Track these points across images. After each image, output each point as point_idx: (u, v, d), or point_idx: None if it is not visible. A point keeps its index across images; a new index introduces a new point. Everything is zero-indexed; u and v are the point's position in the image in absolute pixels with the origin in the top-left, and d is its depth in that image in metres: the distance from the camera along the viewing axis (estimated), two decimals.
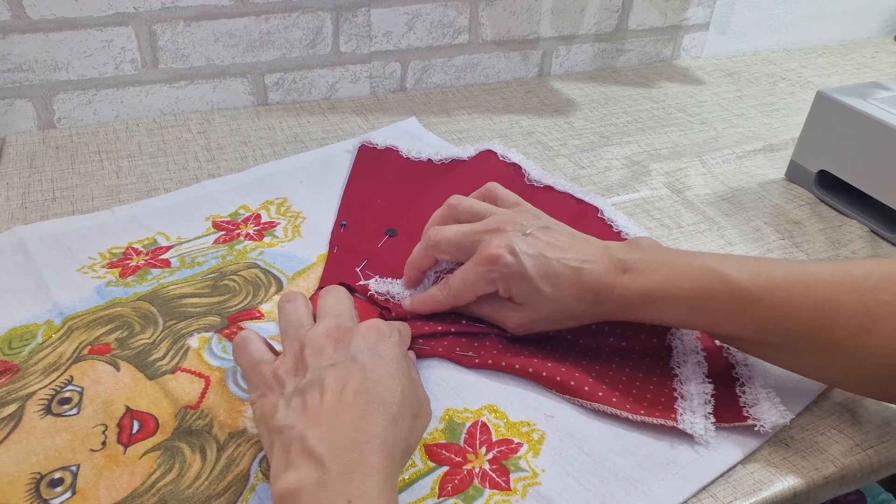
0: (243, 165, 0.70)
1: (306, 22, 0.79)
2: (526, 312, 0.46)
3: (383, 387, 0.37)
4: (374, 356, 0.38)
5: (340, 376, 0.37)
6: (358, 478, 0.33)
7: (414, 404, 0.38)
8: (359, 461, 0.33)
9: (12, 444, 0.41)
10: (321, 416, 0.35)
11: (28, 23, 0.69)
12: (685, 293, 0.43)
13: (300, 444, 0.34)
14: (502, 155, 0.70)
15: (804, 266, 0.43)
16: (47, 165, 0.68)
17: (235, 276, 0.54)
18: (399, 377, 0.38)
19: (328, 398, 0.36)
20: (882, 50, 1.14)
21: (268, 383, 0.39)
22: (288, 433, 0.35)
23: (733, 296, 0.42)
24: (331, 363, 0.37)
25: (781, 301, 0.41)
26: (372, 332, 0.39)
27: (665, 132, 0.83)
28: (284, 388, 0.38)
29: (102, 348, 0.47)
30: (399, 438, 0.36)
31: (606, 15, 0.95)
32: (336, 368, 0.37)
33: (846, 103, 0.66)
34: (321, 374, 0.37)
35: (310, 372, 0.37)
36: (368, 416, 0.35)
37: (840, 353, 0.41)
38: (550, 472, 0.41)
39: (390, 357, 0.38)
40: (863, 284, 0.41)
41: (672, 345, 0.48)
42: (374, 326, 0.40)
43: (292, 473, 0.33)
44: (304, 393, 0.36)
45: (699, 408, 0.43)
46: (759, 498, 0.41)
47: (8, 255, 0.55)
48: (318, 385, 0.36)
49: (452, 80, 0.91)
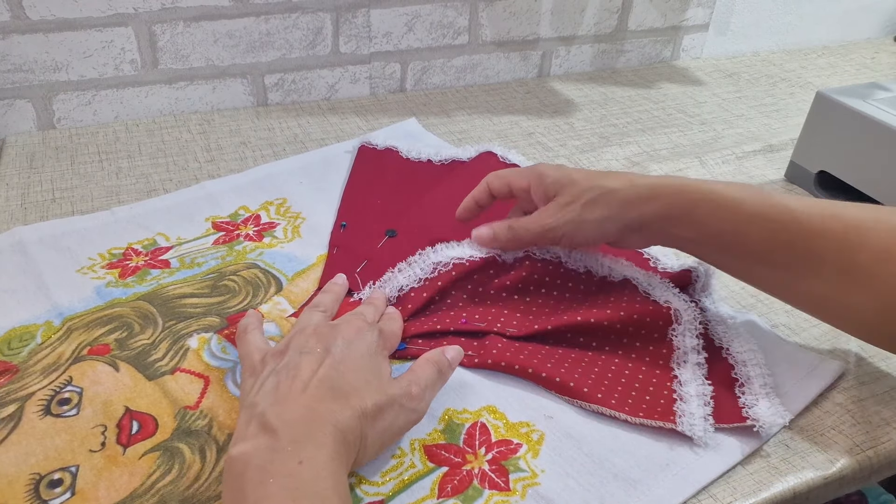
0: (243, 166, 0.70)
1: (306, 22, 0.79)
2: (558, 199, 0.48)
3: (346, 380, 0.39)
4: (347, 351, 0.41)
5: (313, 364, 0.39)
6: (310, 447, 0.34)
7: (378, 399, 0.39)
8: (310, 435, 0.35)
9: (11, 444, 0.40)
10: (287, 397, 0.37)
11: (28, 23, 0.69)
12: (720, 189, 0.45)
13: (259, 420, 0.36)
14: (502, 156, 0.70)
15: (834, 201, 0.44)
16: (47, 166, 0.68)
17: (235, 276, 0.54)
18: (366, 373, 0.40)
19: (297, 382, 0.38)
20: (882, 51, 1.14)
21: (254, 366, 0.42)
22: (252, 409, 0.37)
23: (767, 202, 0.44)
24: (307, 351, 0.40)
25: (811, 217, 0.42)
26: (352, 330, 0.43)
27: (665, 133, 0.83)
28: (265, 370, 0.41)
29: (102, 349, 0.47)
30: (353, 426, 0.37)
31: (606, 16, 0.95)
32: (310, 356, 0.40)
33: (846, 104, 0.66)
34: (297, 359, 0.40)
35: (287, 356, 0.40)
36: (327, 401, 0.37)
37: (862, 279, 0.41)
38: (550, 472, 0.41)
39: (361, 352, 0.41)
40: (889, 216, 0.42)
41: (674, 343, 0.48)
42: (356, 325, 0.43)
43: (245, 443, 0.35)
44: (279, 374, 0.39)
45: (698, 409, 0.43)
46: (758, 498, 0.41)
47: (7, 255, 0.55)
48: (293, 369, 0.39)
49: (452, 80, 0.91)
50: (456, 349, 0.45)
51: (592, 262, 0.53)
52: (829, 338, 0.52)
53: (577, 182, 0.48)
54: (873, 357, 0.51)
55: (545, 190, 0.49)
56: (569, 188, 0.48)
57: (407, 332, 0.49)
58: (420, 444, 0.42)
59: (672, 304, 0.50)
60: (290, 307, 0.52)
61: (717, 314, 0.51)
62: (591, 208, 0.48)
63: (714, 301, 0.53)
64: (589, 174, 0.49)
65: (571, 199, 0.48)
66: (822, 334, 0.52)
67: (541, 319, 0.49)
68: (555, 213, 0.49)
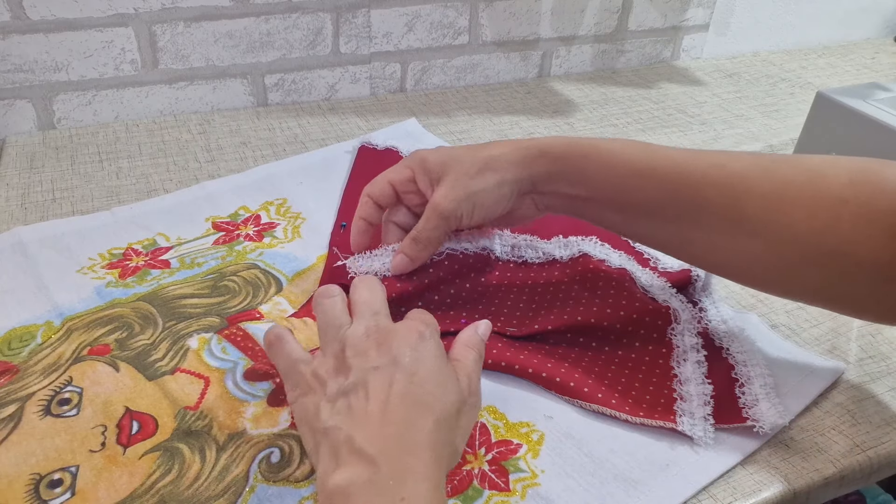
0: (243, 166, 0.70)
1: (306, 23, 0.79)
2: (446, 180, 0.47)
3: (426, 390, 0.37)
4: (416, 359, 0.38)
5: (385, 379, 0.36)
6: (410, 482, 0.33)
7: (456, 403, 0.38)
8: (410, 466, 0.33)
9: (12, 444, 0.40)
10: (367, 419, 0.35)
11: (28, 23, 0.69)
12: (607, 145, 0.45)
13: (349, 445, 0.34)
14: None
15: (719, 151, 0.45)
16: (47, 166, 0.68)
17: (235, 276, 0.54)
18: (441, 379, 0.38)
19: (374, 401, 0.36)
20: (882, 51, 1.14)
21: (308, 383, 0.39)
22: (335, 434, 0.35)
23: (652, 155, 0.44)
24: (374, 366, 0.37)
25: (697, 168, 0.43)
26: (413, 334, 0.39)
27: (665, 133, 0.83)
28: (326, 389, 0.38)
29: (102, 349, 0.47)
30: (445, 441, 0.36)
31: (606, 16, 0.95)
32: (380, 371, 0.37)
33: (846, 104, 0.66)
34: (365, 376, 0.37)
35: (353, 374, 0.37)
36: (414, 420, 0.35)
37: (748, 230, 0.41)
38: (550, 472, 0.41)
39: (431, 358, 0.38)
40: (772, 165, 0.42)
41: (673, 342, 0.48)
42: (415, 328, 0.40)
43: (344, 471, 0.33)
44: (349, 395, 0.36)
45: (698, 409, 0.43)
46: (758, 498, 0.41)
47: (7, 255, 0.55)
48: (362, 387, 0.36)
49: (452, 80, 0.91)
50: (485, 323, 0.44)
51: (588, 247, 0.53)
52: (829, 338, 0.52)
53: (461, 158, 0.47)
54: (873, 357, 0.51)
55: (429, 174, 0.48)
56: (454, 166, 0.47)
57: None
58: None
59: (670, 303, 0.50)
60: (290, 307, 0.52)
61: (717, 314, 0.51)
62: (482, 178, 0.47)
63: (714, 301, 0.53)
64: (472, 148, 0.48)
65: (459, 175, 0.47)
66: (822, 334, 0.52)
67: (541, 319, 0.49)
68: (446, 194, 0.47)
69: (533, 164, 0.46)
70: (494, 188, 0.47)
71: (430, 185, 0.48)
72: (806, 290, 0.43)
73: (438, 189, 0.47)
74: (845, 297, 0.42)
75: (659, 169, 0.43)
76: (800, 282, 0.42)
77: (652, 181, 0.44)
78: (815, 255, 0.40)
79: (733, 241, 0.42)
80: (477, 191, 0.47)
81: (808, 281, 0.42)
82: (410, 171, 0.49)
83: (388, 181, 0.50)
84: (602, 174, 0.45)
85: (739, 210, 0.41)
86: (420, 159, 0.49)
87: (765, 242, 0.41)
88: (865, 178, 0.39)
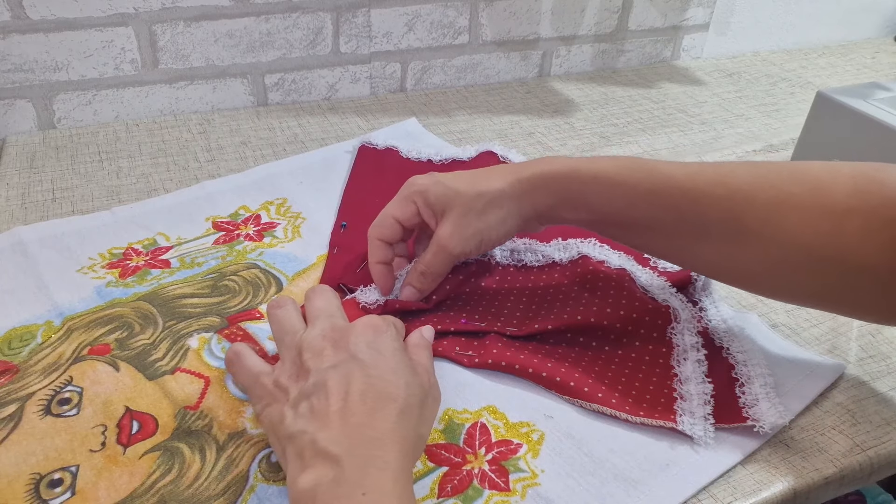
0: (243, 166, 0.70)
1: (306, 22, 0.79)
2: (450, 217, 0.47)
3: (386, 382, 0.37)
4: (374, 353, 0.39)
5: (343, 377, 0.37)
6: (373, 473, 0.33)
7: (419, 393, 0.39)
8: (372, 457, 0.34)
9: (12, 444, 0.40)
10: (330, 418, 0.35)
11: (28, 23, 0.69)
12: (605, 169, 0.45)
13: (313, 448, 0.34)
14: (502, 156, 0.70)
15: (718, 162, 0.45)
16: (47, 166, 0.68)
17: (235, 276, 0.54)
18: (401, 370, 0.39)
19: (334, 400, 0.36)
20: (882, 51, 1.14)
21: (271, 393, 0.39)
22: (300, 438, 0.35)
23: (652, 175, 0.44)
24: (332, 364, 0.38)
25: (696, 185, 0.43)
26: (369, 329, 0.40)
27: (665, 132, 0.83)
28: (289, 395, 0.38)
29: (102, 349, 0.47)
30: (409, 430, 0.36)
31: (606, 15, 0.95)
32: (338, 369, 0.38)
33: (846, 104, 0.66)
34: (324, 376, 0.37)
35: (312, 375, 0.38)
36: (376, 413, 0.36)
37: (749, 241, 0.42)
38: (550, 472, 0.41)
39: (390, 351, 0.39)
40: (773, 176, 0.42)
41: (673, 341, 0.48)
42: (370, 323, 0.41)
43: (309, 474, 0.34)
44: (310, 397, 0.37)
45: (699, 409, 0.43)
46: (758, 498, 0.41)
47: (8, 255, 0.55)
48: (322, 388, 0.37)
49: (452, 80, 0.91)
50: (428, 328, 0.46)
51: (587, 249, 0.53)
52: (829, 338, 0.52)
53: (461, 193, 0.47)
54: (873, 357, 0.51)
55: (432, 207, 0.48)
56: (456, 201, 0.47)
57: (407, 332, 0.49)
58: None
59: (670, 303, 0.50)
60: None
61: (717, 314, 0.51)
62: (487, 215, 0.47)
63: (714, 301, 0.53)
64: (471, 180, 0.48)
65: (463, 212, 0.47)
66: (822, 334, 0.52)
67: (540, 320, 0.49)
68: (453, 232, 0.47)
69: (534, 195, 0.47)
70: (499, 224, 0.48)
71: (434, 217, 0.49)
72: (810, 295, 0.43)
73: (443, 225, 0.48)
74: (849, 301, 0.42)
75: (660, 191, 0.44)
76: (804, 288, 0.43)
77: (654, 203, 0.44)
78: (819, 263, 0.40)
79: (736, 253, 0.43)
80: (482, 228, 0.47)
81: (812, 287, 0.42)
82: (414, 206, 0.49)
83: (394, 219, 0.50)
84: (603, 199, 0.45)
85: (741, 223, 0.42)
86: (420, 192, 0.48)
87: (767, 253, 0.42)
88: (868, 188, 0.39)
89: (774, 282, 0.43)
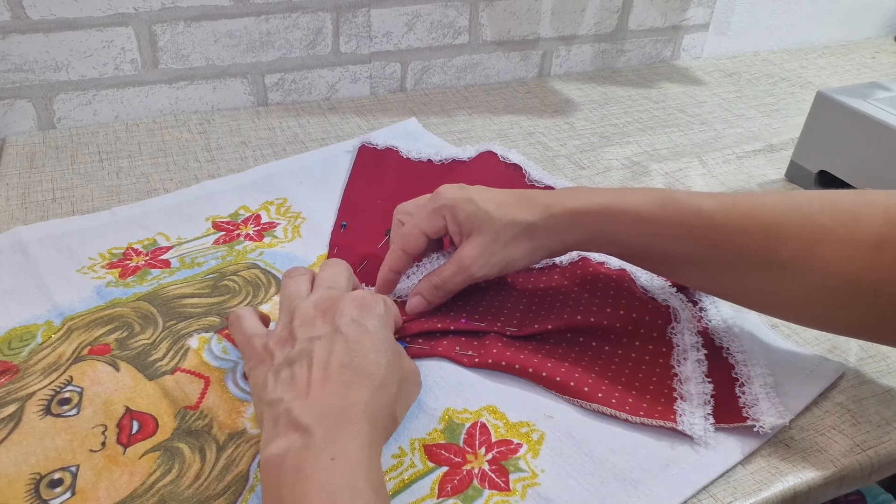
0: (243, 166, 0.70)
1: (306, 22, 0.79)
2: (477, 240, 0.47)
3: (367, 359, 0.38)
4: (359, 328, 0.39)
5: (326, 348, 0.38)
6: (342, 440, 0.34)
7: (398, 373, 0.39)
8: (342, 425, 0.35)
9: (12, 444, 0.40)
10: (308, 388, 0.36)
11: (28, 23, 0.69)
12: (637, 206, 0.45)
13: (287, 416, 0.35)
14: (503, 156, 0.70)
15: (749, 193, 0.45)
16: (47, 166, 0.68)
17: (235, 276, 0.54)
18: (383, 348, 0.39)
19: (315, 370, 0.37)
20: (882, 50, 1.14)
21: (259, 355, 0.41)
22: (276, 406, 0.36)
23: (685, 211, 0.44)
24: (317, 335, 0.39)
25: (730, 220, 0.43)
26: (356, 304, 0.41)
27: (665, 132, 0.83)
28: (274, 360, 0.39)
29: (102, 349, 0.47)
30: (383, 406, 0.37)
31: (606, 15, 0.95)
32: (322, 340, 0.39)
33: (846, 103, 0.66)
34: (309, 345, 0.39)
35: (297, 343, 0.39)
36: (352, 386, 0.37)
37: (784, 274, 0.42)
38: (550, 472, 0.41)
39: (374, 328, 0.40)
40: (806, 209, 0.42)
41: (673, 340, 0.48)
42: (359, 298, 0.41)
43: (279, 441, 0.35)
44: (293, 364, 0.38)
45: (699, 408, 0.43)
46: (759, 498, 0.41)
47: (8, 255, 0.55)
48: (306, 356, 0.38)
49: (452, 80, 0.91)
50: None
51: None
52: (830, 338, 0.52)
53: (493, 218, 0.47)
54: (874, 357, 0.51)
55: (460, 226, 0.48)
56: (486, 226, 0.47)
57: (407, 332, 0.49)
58: (420, 444, 0.42)
59: (670, 303, 0.50)
60: None
61: (717, 313, 0.51)
62: (515, 246, 0.47)
63: (714, 300, 0.53)
64: (501, 204, 0.47)
65: (492, 239, 0.47)
66: (822, 334, 0.52)
67: (541, 320, 0.49)
68: (478, 256, 0.47)
69: (565, 231, 0.47)
70: (526, 255, 0.48)
71: (460, 234, 0.49)
72: (847, 326, 0.43)
73: (469, 246, 0.47)
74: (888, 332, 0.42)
75: (693, 227, 0.44)
76: (840, 319, 0.43)
77: (686, 239, 0.44)
78: (855, 295, 0.40)
79: (772, 285, 0.43)
80: (508, 257, 0.48)
81: (849, 318, 0.42)
82: (443, 221, 0.49)
83: (421, 232, 0.49)
84: (634, 236, 0.46)
85: (777, 257, 0.42)
86: (450, 207, 0.48)
87: (803, 285, 0.42)
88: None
89: (811, 313, 0.44)
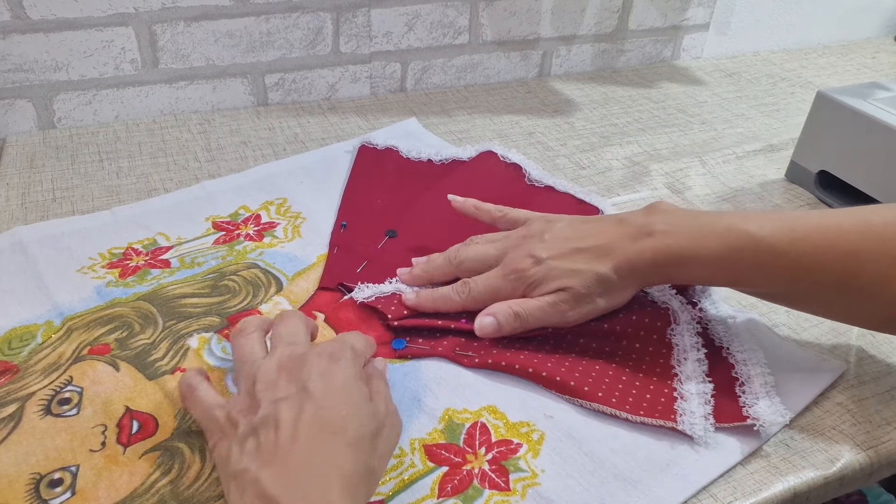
0: (243, 166, 0.70)
1: (306, 22, 0.79)
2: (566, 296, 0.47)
3: (337, 415, 0.35)
4: (325, 382, 0.37)
5: (293, 409, 0.35)
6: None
7: (372, 424, 0.37)
8: (311, 493, 0.32)
9: (12, 444, 0.40)
10: (275, 455, 0.34)
11: (28, 23, 0.69)
12: (714, 252, 0.44)
13: (254, 488, 0.33)
14: (503, 155, 0.70)
15: (823, 216, 0.44)
16: (47, 166, 0.68)
17: (235, 276, 0.54)
18: (352, 401, 0.37)
19: (282, 434, 0.34)
20: (882, 50, 1.14)
21: (222, 428, 0.38)
22: (243, 477, 0.34)
23: (759, 252, 0.43)
24: (282, 396, 0.36)
25: (806, 254, 0.43)
26: (323, 358, 0.38)
27: (665, 132, 0.83)
28: (238, 430, 0.36)
29: (102, 348, 0.47)
30: (358, 464, 0.35)
31: (606, 15, 0.95)
32: (288, 402, 0.36)
33: (846, 103, 0.66)
34: (274, 408, 0.36)
35: (262, 408, 0.36)
36: (322, 448, 0.34)
37: (864, 300, 0.43)
38: (550, 472, 0.41)
39: (342, 380, 0.37)
40: (883, 233, 0.42)
41: (672, 342, 0.48)
42: (325, 351, 0.39)
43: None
44: (258, 431, 0.35)
45: (699, 408, 0.43)
46: (759, 498, 0.41)
47: (8, 255, 0.55)
48: (272, 421, 0.35)
49: (452, 80, 0.91)
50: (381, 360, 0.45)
51: None
52: (830, 337, 0.52)
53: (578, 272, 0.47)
54: (874, 356, 0.51)
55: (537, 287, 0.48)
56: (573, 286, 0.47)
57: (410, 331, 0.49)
58: (420, 444, 0.42)
59: (670, 305, 0.50)
60: (290, 307, 0.52)
61: (717, 314, 0.51)
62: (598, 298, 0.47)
63: (714, 301, 0.53)
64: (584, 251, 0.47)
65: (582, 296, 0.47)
66: (822, 334, 0.52)
67: None
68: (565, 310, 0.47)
69: (644, 279, 0.47)
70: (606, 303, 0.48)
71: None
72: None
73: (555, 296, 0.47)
74: None
75: (768, 266, 0.44)
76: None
77: (763, 276, 0.45)
78: None
79: (848, 310, 0.45)
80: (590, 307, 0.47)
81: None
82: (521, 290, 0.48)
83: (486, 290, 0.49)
84: (710, 277, 0.47)
85: (854, 284, 0.42)
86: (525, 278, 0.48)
87: (880, 309, 0.43)
88: None
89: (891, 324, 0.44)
